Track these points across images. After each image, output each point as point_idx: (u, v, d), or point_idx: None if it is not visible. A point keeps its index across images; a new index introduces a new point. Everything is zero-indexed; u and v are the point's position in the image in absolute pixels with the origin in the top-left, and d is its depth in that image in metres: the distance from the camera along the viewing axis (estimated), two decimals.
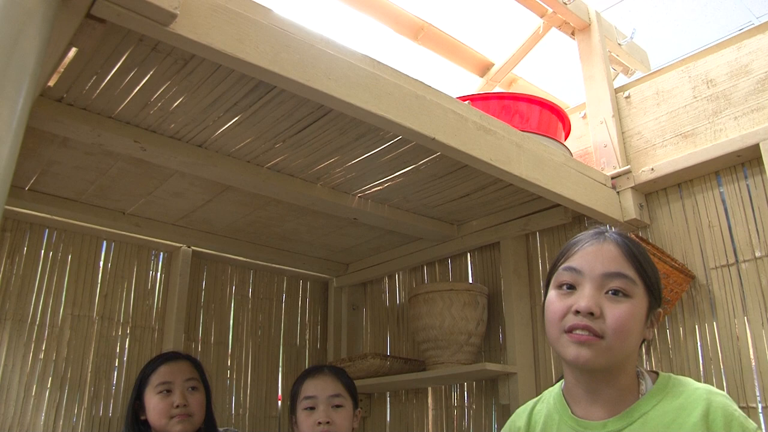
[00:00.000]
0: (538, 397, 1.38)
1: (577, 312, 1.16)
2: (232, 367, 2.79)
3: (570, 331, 1.16)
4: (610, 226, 1.30)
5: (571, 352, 1.16)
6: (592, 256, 1.21)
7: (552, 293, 1.24)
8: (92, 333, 2.43)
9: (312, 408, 1.96)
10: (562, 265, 1.24)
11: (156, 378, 2.06)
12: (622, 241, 1.22)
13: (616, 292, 1.17)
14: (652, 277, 1.22)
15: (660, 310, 1.25)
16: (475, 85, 3.21)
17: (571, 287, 1.20)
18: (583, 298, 1.17)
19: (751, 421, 1.12)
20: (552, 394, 1.32)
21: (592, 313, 1.15)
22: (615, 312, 1.15)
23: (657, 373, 1.25)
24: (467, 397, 2.63)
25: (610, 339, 1.14)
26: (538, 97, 2.42)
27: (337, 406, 1.96)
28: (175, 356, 2.17)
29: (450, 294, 2.44)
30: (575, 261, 1.22)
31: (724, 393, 1.16)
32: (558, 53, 3.60)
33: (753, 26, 2.10)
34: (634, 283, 1.18)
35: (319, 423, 1.92)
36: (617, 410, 1.18)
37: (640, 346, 1.25)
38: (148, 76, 1.56)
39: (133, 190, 2.23)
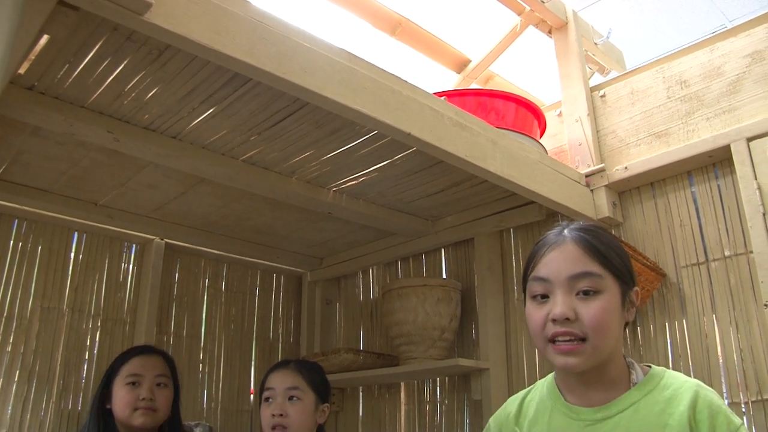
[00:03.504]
0: (530, 387, 1.41)
1: (555, 320, 1.19)
2: (205, 361, 2.77)
3: (553, 340, 1.19)
4: (569, 222, 1.31)
5: (559, 361, 1.19)
6: (556, 261, 1.23)
7: (529, 304, 1.26)
8: (62, 325, 2.40)
9: (270, 399, 1.98)
10: (531, 275, 1.26)
11: (126, 369, 2.05)
12: (581, 237, 1.24)
13: (586, 292, 1.19)
14: (618, 264, 1.23)
15: (636, 288, 1.27)
16: (451, 81, 3.22)
17: (545, 296, 1.23)
18: (556, 306, 1.19)
19: (737, 417, 1.15)
20: (545, 383, 1.35)
21: (568, 318, 1.17)
22: (589, 311, 1.17)
23: (650, 367, 1.28)
24: (440, 392, 2.64)
25: (592, 339, 1.17)
26: (514, 94, 2.43)
27: (294, 399, 1.97)
28: (148, 350, 2.16)
29: (424, 289, 2.44)
30: (542, 270, 1.24)
31: (713, 390, 1.19)
32: (535, 51, 3.61)
33: (726, 29, 2.13)
34: (601, 278, 1.20)
35: (273, 415, 1.93)
36: (609, 398, 1.22)
37: (624, 330, 1.28)
38: (122, 65, 1.54)
39: (105, 181, 2.20)
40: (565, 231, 1.26)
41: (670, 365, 2.00)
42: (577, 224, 1.29)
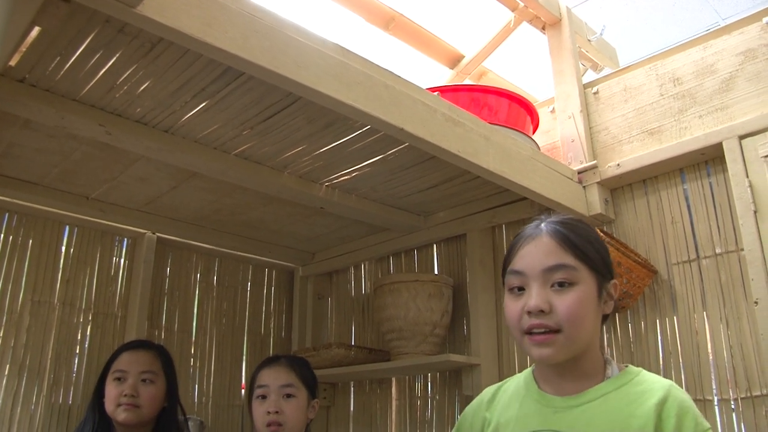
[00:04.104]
0: (509, 378, 1.43)
1: (530, 312, 1.21)
2: (196, 355, 2.77)
3: (529, 332, 1.21)
4: (548, 215, 1.32)
5: (534, 353, 1.21)
6: (531, 255, 1.25)
7: (506, 297, 1.29)
8: (53, 319, 2.39)
9: (264, 397, 1.98)
10: (509, 269, 1.29)
11: (115, 365, 2.07)
12: (556, 230, 1.25)
13: (561, 284, 1.21)
14: (594, 256, 1.25)
15: (615, 281, 1.29)
16: (445, 76, 3.22)
17: (521, 288, 1.25)
18: (531, 298, 1.21)
19: (706, 421, 1.16)
20: (524, 373, 1.38)
21: (542, 311, 1.19)
22: (564, 303, 1.19)
23: (627, 367, 1.29)
24: (431, 387, 2.64)
25: (566, 330, 1.19)
26: (507, 90, 2.43)
27: (289, 396, 1.97)
28: (138, 345, 2.16)
29: (415, 285, 2.44)
30: (518, 263, 1.26)
31: (685, 392, 1.21)
32: (528, 47, 3.62)
33: (719, 27, 2.13)
34: (576, 270, 1.21)
35: (269, 412, 1.93)
36: (581, 388, 1.24)
37: (602, 323, 1.30)
38: (114, 58, 1.53)
39: (97, 174, 2.19)
40: (542, 224, 1.28)
41: (661, 362, 2.01)
42: (554, 217, 1.30)
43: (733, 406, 1.85)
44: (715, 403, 1.87)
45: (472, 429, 1.40)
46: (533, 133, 2.50)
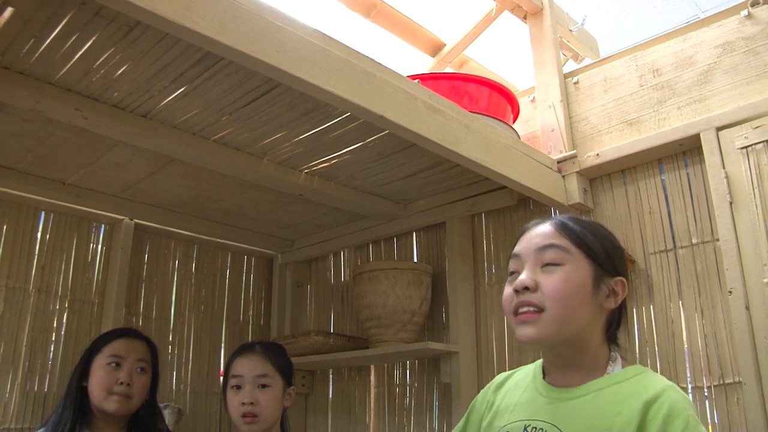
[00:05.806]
0: (526, 365, 1.44)
1: (516, 291, 1.22)
2: (174, 343, 2.76)
3: (516, 312, 1.22)
4: (557, 212, 1.33)
5: (518, 332, 1.22)
6: (528, 238, 1.28)
7: (506, 284, 1.29)
8: (28, 306, 2.36)
9: (238, 387, 1.96)
10: (510, 254, 1.31)
11: (109, 349, 2.01)
12: (558, 220, 1.28)
13: (550, 263, 1.22)
14: (595, 246, 1.25)
15: (620, 279, 1.27)
16: (426, 64, 3.21)
17: (517, 273, 1.26)
18: (519, 276, 1.22)
19: (702, 427, 1.11)
20: (536, 363, 1.38)
21: (527, 288, 1.20)
22: (549, 281, 1.20)
23: (634, 366, 1.27)
24: (410, 375, 2.65)
25: (550, 308, 1.18)
26: (488, 79, 2.43)
27: (264, 386, 1.96)
28: (133, 333, 2.13)
29: (394, 273, 2.44)
30: (516, 247, 1.30)
31: (687, 396, 1.18)
32: (510, 36, 3.61)
33: (698, 19, 2.14)
34: (567, 251, 1.23)
35: (243, 403, 1.91)
36: (581, 382, 1.23)
37: (608, 320, 1.27)
38: (91, 41, 1.51)
39: (73, 159, 2.17)
40: (549, 217, 1.32)
41: (637, 350, 2.03)
42: (568, 215, 1.33)
43: (706, 394, 1.87)
44: (689, 390, 1.90)
45: (480, 411, 1.42)
46: (513, 122, 2.50)
